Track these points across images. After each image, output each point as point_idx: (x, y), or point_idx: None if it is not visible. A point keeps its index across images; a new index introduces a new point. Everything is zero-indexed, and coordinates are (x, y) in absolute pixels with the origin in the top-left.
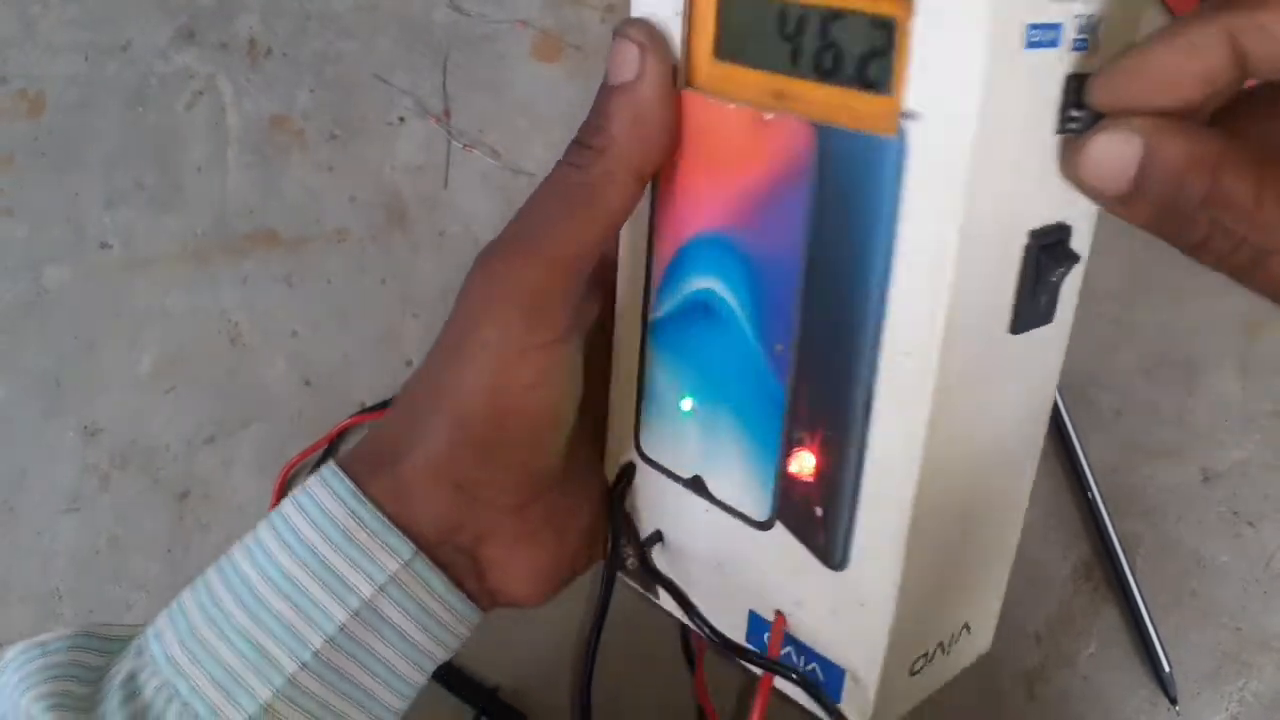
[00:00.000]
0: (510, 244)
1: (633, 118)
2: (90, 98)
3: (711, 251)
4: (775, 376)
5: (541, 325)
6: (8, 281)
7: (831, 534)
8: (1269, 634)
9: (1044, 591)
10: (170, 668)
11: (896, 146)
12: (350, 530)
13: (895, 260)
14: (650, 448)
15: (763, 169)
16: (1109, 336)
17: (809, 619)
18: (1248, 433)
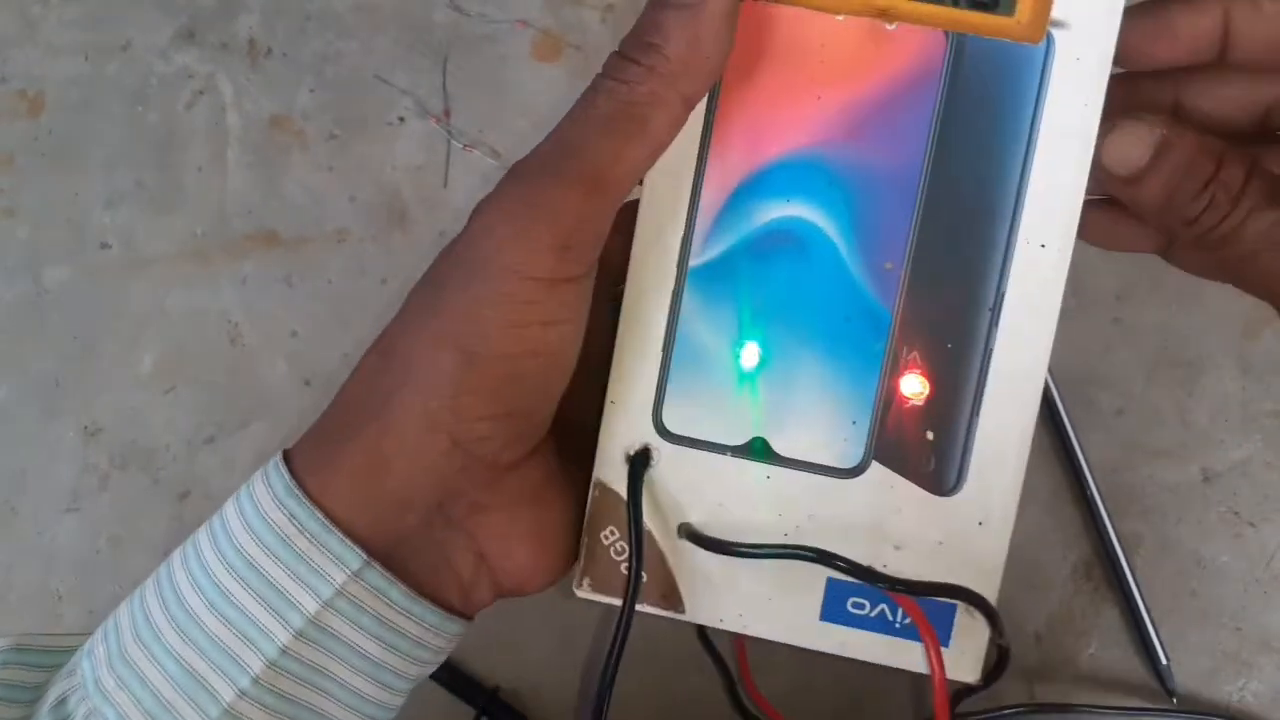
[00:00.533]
0: (546, 164)
1: (691, 39)
2: (90, 98)
3: (798, 174)
4: (880, 299)
5: (573, 257)
6: (7, 281)
7: (945, 458)
8: (1269, 634)
9: (1044, 591)
10: (98, 693)
11: (1043, 52)
12: (288, 536)
13: (1034, 160)
14: (679, 423)
15: (880, 80)
16: (1109, 336)
17: (911, 559)
18: (1248, 433)
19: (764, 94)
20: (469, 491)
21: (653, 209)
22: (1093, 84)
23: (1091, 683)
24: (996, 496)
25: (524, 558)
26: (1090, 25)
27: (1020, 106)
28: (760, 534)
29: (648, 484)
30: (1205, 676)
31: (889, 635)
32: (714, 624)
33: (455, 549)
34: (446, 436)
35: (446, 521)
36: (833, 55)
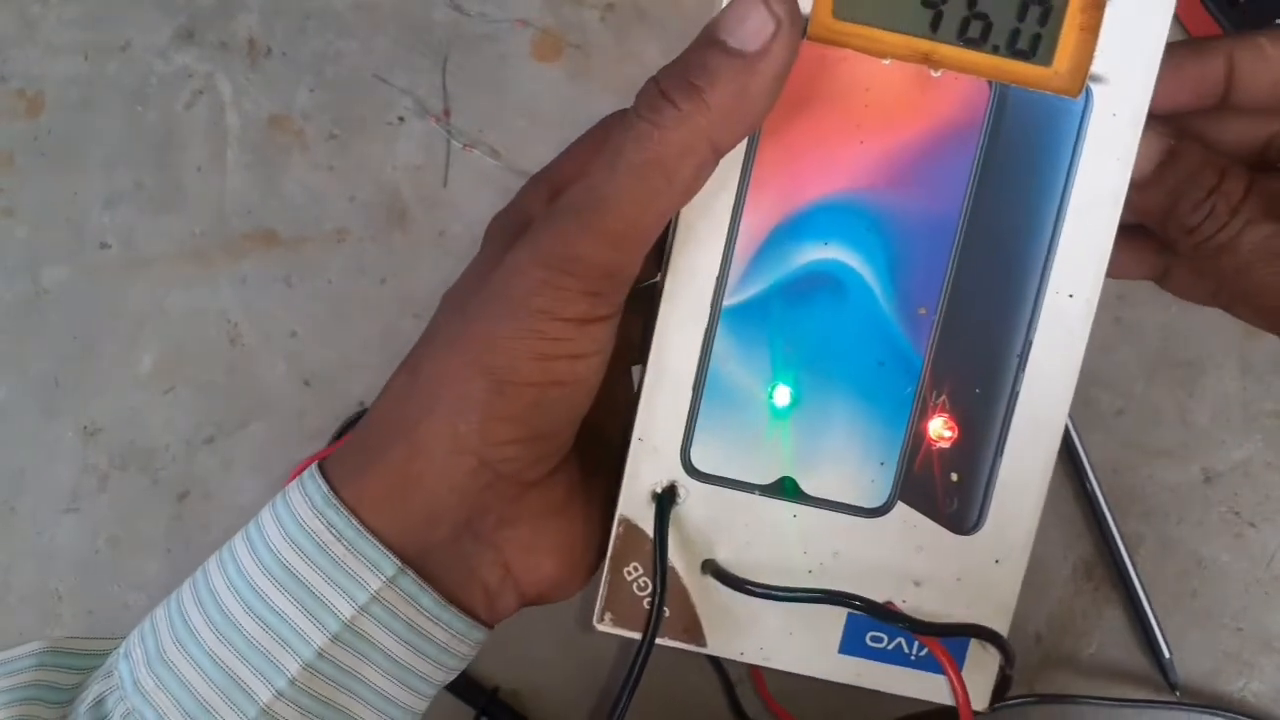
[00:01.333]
0: (578, 214)
1: (737, 92)
2: (90, 97)
3: (838, 218)
4: (913, 344)
5: (603, 301)
6: (6, 281)
7: (968, 499)
8: (1270, 634)
9: (1044, 591)
10: (137, 693)
11: (1080, 107)
12: (325, 543)
13: (1068, 211)
14: (708, 461)
15: (924, 126)
16: (1110, 336)
17: (930, 595)
18: (1248, 433)
19: (806, 135)
20: (495, 507)
21: (688, 246)
22: (1127, 140)
23: (1092, 681)
24: (1014, 536)
25: (549, 569)
26: (1127, 81)
27: (1057, 159)
28: (785, 571)
29: (673, 520)
30: (1206, 676)
31: (906, 667)
32: (734, 657)
33: (482, 562)
34: (474, 457)
35: (474, 535)
36: (877, 99)
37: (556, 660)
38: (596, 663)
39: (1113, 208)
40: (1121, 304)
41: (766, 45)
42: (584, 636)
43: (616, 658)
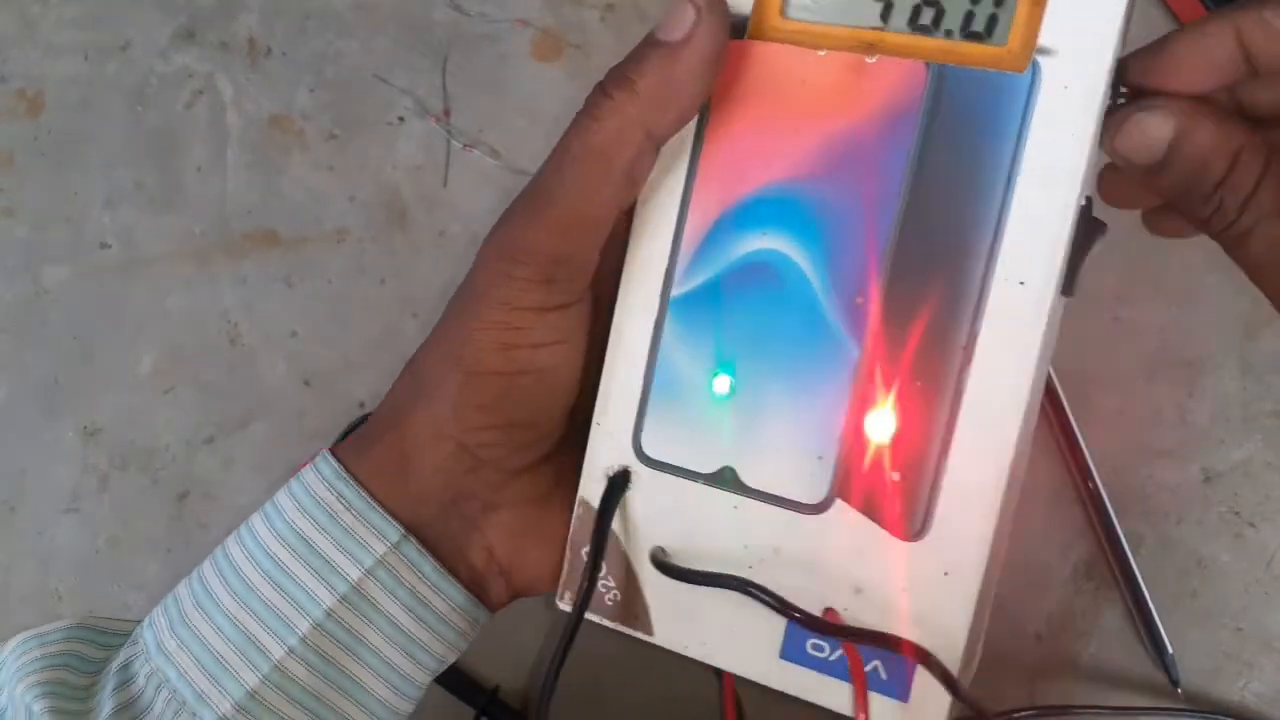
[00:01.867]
0: (525, 203)
1: (663, 78)
2: (90, 97)
3: (775, 208)
4: (850, 333)
5: (558, 289)
6: (7, 281)
7: (911, 500)
8: (1270, 634)
9: (1045, 591)
10: (160, 654)
11: (1027, 81)
12: (336, 512)
13: (1015, 193)
14: (656, 447)
15: (858, 113)
16: (1109, 336)
17: (872, 605)
18: (1249, 433)
19: (746, 128)
20: (480, 492)
21: (641, 238)
22: (1082, 114)
23: (1092, 682)
24: (964, 547)
25: (534, 556)
26: (1080, 52)
27: (1001, 139)
28: (727, 563)
29: (626, 506)
30: (1206, 677)
31: (846, 682)
32: (680, 650)
33: (469, 543)
34: (453, 442)
35: (460, 517)
36: (812, 89)
37: None
38: (596, 663)
39: (1069, 187)
40: (1121, 304)
41: (689, 33)
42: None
43: (617, 658)
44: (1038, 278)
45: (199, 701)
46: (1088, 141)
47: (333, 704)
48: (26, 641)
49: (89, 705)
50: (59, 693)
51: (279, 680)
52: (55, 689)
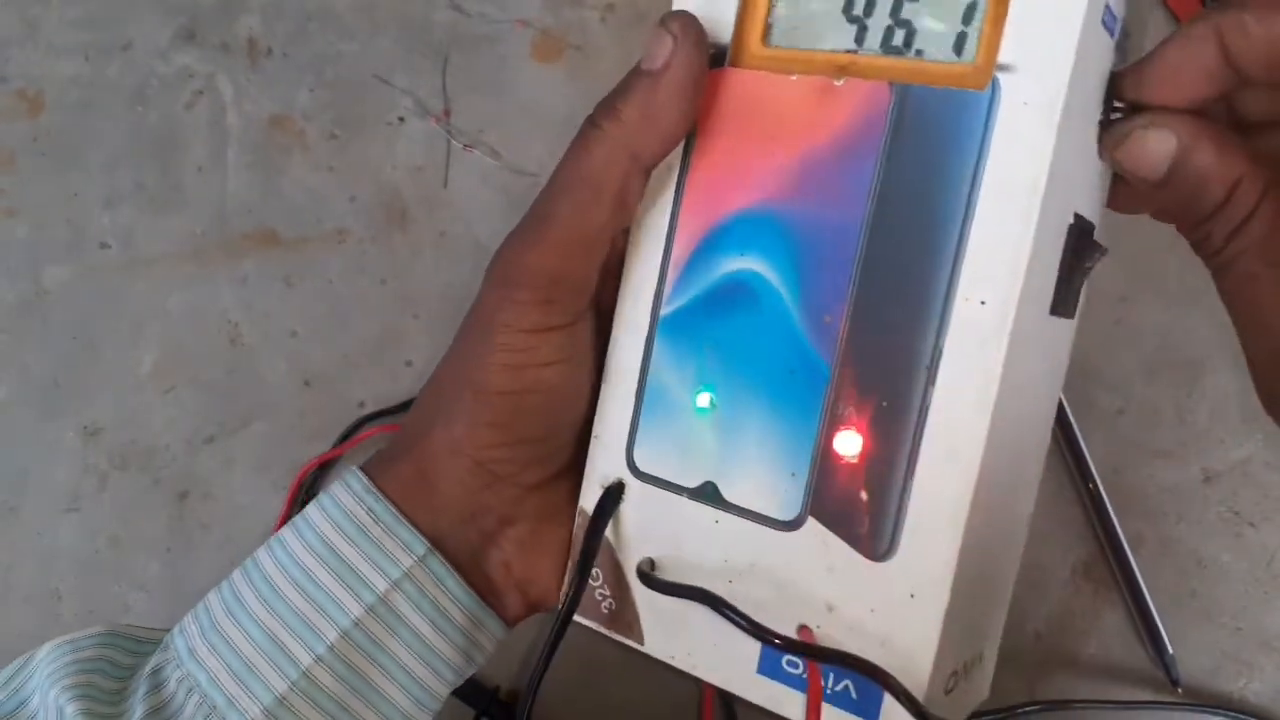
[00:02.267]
0: (523, 229)
1: (645, 104)
2: (91, 98)
3: (750, 229)
4: (819, 352)
5: (557, 309)
6: (8, 282)
7: (879, 519)
8: (1270, 634)
9: (1044, 591)
10: (191, 660)
11: (987, 99)
12: (365, 525)
13: (977, 209)
14: (647, 461)
15: (825, 135)
16: (1110, 336)
17: (843, 624)
18: (1248, 432)
19: (726, 152)
20: (497, 507)
21: (634, 259)
22: (1041, 130)
23: (1092, 681)
24: (930, 568)
25: (548, 569)
26: (1039, 68)
27: (963, 156)
28: (709, 576)
29: (620, 517)
30: (1206, 676)
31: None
32: (668, 660)
33: (486, 558)
34: (469, 459)
35: (479, 532)
36: (784, 113)
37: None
38: (596, 664)
39: (1027, 204)
40: (1121, 304)
41: (667, 61)
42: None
43: (617, 659)
44: (999, 296)
45: (229, 706)
46: (1047, 157)
47: (356, 712)
48: (59, 647)
49: (120, 709)
50: (91, 695)
51: (306, 687)
52: (87, 692)
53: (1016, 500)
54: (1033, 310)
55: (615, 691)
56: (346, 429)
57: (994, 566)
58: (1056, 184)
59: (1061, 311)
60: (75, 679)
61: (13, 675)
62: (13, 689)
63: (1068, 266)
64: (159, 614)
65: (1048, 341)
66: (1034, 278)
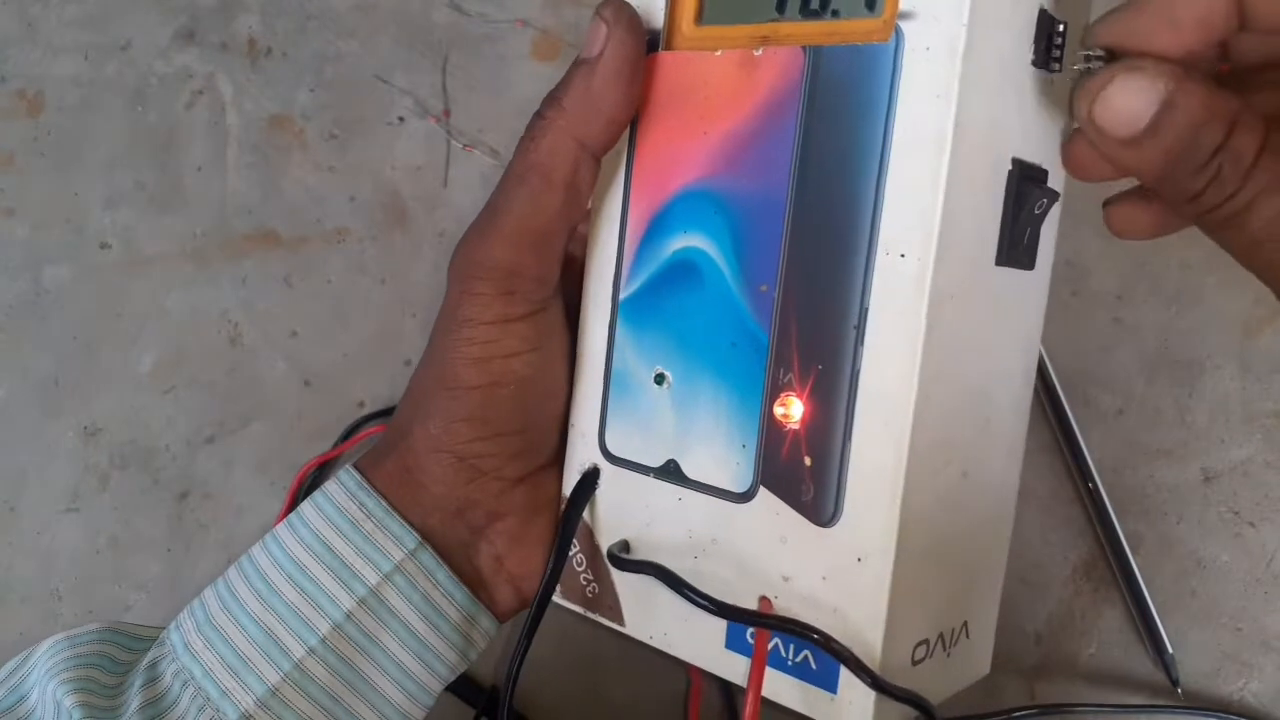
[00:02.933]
0: (479, 224)
1: (584, 91)
2: (90, 98)
3: (691, 206)
4: (758, 321)
5: (518, 300)
6: (7, 281)
7: (822, 484)
8: (1270, 634)
9: (1044, 591)
10: (186, 653)
11: (891, 49)
12: (357, 519)
13: (890, 162)
14: (616, 444)
15: (749, 107)
16: (1109, 336)
17: (799, 594)
18: (1248, 432)
19: (664, 134)
20: (483, 501)
21: (594, 245)
22: (945, 73)
23: (1091, 683)
24: (873, 532)
25: (538, 562)
26: (937, 11)
27: (873, 111)
28: (676, 552)
29: (597, 502)
30: (1206, 676)
31: (781, 671)
32: (646, 640)
33: (477, 552)
34: (449, 455)
35: (467, 526)
36: (713, 91)
37: (555, 660)
38: (595, 662)
39: (937, 151)
40: (1121, 304)
41: (602, 47)
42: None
43: (616, 657)
44: (916, 247)
45: (223, 698)
46: (952, 101)
47: (349, 704)
48: (58, 643)
49: (117, 701)
50: (89, 689)
51: (299, 679)
52: (86, 685)
53: (990, 463)
54: (964, 261)
55: (616, 688)
56: (346, 429)
57: (971, 533)
58: (976, 130)
59: (1013, 261)
60: (74, 673)
61: (13, 671)
62: (12, 685)
63: (1010, 214)
64: (159, 614)
65: (1000, 293)
66: (958, 228)
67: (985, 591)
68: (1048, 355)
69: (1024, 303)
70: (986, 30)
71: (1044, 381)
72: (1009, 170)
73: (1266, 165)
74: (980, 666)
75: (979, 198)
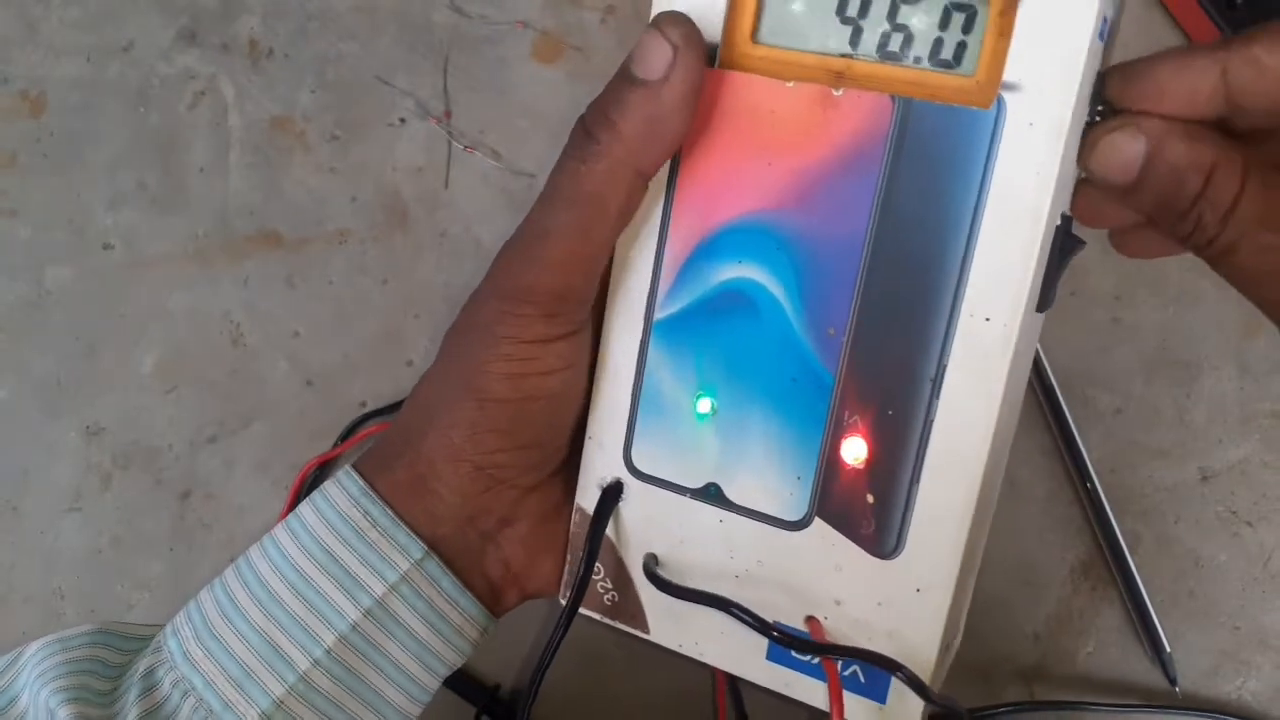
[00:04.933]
0: (525, 245)
1: (647, 118)
2: (92, 99)
3: (750, 238)
4: (823, 362)
5: (561, 321)
6: (10, 282)
7: (885, 521)
8: (1267, 632)
9: (1042, 591)
10: (186, 663)
11: (992, 117)
12: (362, 529)
13: (982, 228)
14: (645, 462)
15: (826, 146)
16: (1108, 336)
17: (850, 617)
18: (1246, 432)
19: (720, 159)
20: (496, 509)
21: (624, 264)
22: (1047, 151)
23: (1090, 682)
24: (935, 565)
25: (547, 566)
26: (1045, 88)
27: (968, 175)
28: (714, 572)
29: (620, 515)
30: (1204, 675)
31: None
32: (674, 648)
33: (486, 557)
34: (469, 464)
35: (478, 533)
36: (782, 121)
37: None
38: (597, 662)
39: (1032, 225)
40: (1120, 304)
41: (667, 72)
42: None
43: (617, 657)
44: (1003, 313)
45: (225, 710)
46: (1052, 179)
47: (353, 712)
48: (49, 646)
49: (112, 710)
50: (84, 698)
51: (304, 691)
52: (79, 694)
53: (998, 480)
54: (1028, 313)
55: (614, 686)
56: (347, 429)
57: (979, 545)
58: (1057, 198)
59: (1043, 307)
60: (67, 680)
61: (1, 672)
62: (1, 686)
63: (1055, 265)
64: (161, 614)
65: (1032, 336)
66: (1034, 291)
67: (971, 584)
68: (1046, 355)
69: (1034, 342)
70: (1079, 100)
71: (1042, 382)
72: (1057, 225)
73: (1245, 209)
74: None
75: (1043, 257)
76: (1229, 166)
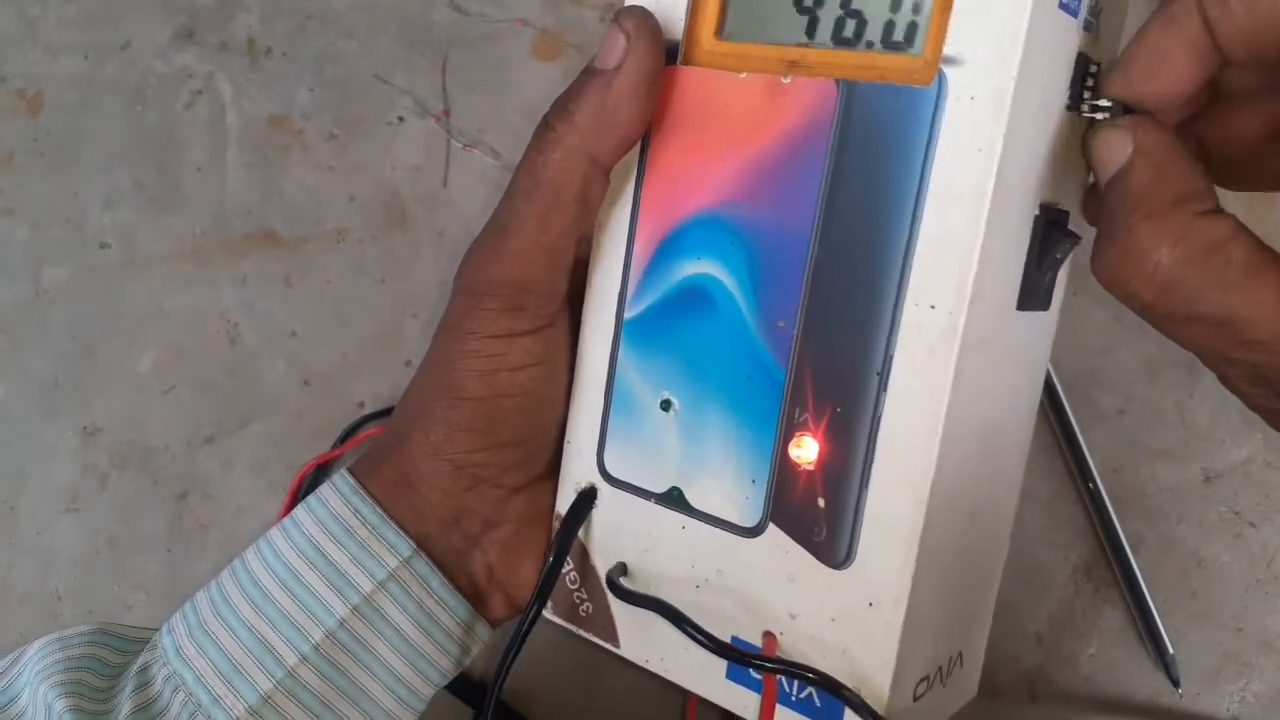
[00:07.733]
0: (486, 238)
1: (599, 105)
2: (89, 97)
3: (706, 232)
4: (775, 357)
5: (526, 315)
6: (7, 281)
7: (836, 527)
8: (1270, 634)
9: (1044, 591)
10: (178, 659)
11: (933, 94)
12: (352, 526)
13: (925, 210)
14: (616, 466)
15: (774, 136)
16: (1110, 336)
17: (806, 632)
18: (1249, 433)
19: (681, 155)
20: (480, 509)
21: (597, 262)
22: (989, 127)
23: (1092, 683)
24: (887, 578)
25: (529, 572)
26: (986, 60)
27: (909, 155)
28: (677, 582)
29: (593, 522)
30: (1207, 677)
31: (785, 707)
32: (641, 663)
33: (470, 559)
34: (449, 463)
35: (462, 534)
36: (735, 114)
37: (555, 660)
38: (595, 663)
39: (975, 206)
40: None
41: (620, 60)
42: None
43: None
44: (949, 300)
45: (214, 704)
46: (995, 155)
47: (341, 711)
48: (49, 645)
49: (108, 706)
50: (80, 693)
51: (292, 686)
52: (76, 689)
53: (994, 500)
54: (991, 310)
55: (615, 682)
56: (346, 429)
57: (971, 569)
58: (1012, 180)
59: (1032, 305)
60: (65, 676)
61: (3, 672)
62: (3, 686)
63: (1035, 259)
64: (159, 614)
65: (1018, 338)
66: (988, 279)
67: (980, 620)
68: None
69: (1039, 342)
70: (1032, 79)
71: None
72: (1035, 216)
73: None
74: (969, 690)
75: (1008, 247)
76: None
